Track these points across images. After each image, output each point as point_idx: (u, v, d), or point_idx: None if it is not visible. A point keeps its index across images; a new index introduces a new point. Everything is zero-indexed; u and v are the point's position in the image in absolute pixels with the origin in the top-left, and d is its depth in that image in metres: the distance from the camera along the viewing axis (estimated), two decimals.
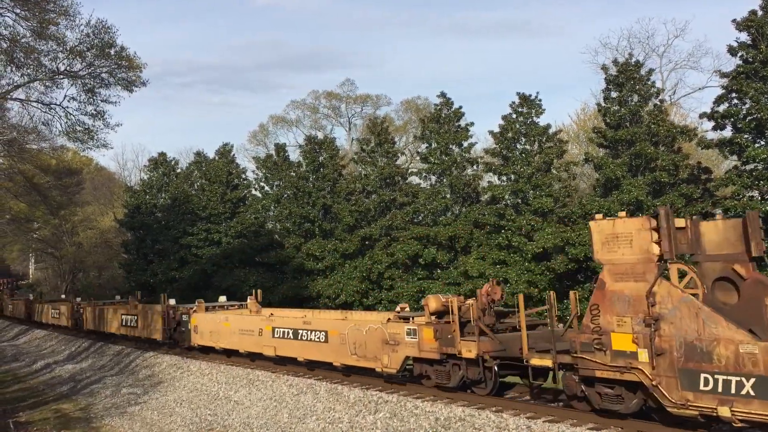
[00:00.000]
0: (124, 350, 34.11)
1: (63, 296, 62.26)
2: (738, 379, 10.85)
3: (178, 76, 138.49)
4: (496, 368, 15.78)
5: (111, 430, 21.02)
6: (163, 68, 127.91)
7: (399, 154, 43.51)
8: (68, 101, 29.31)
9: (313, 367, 22.00)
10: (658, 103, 30.49)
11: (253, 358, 24.97)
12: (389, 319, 18.92)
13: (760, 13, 25.36)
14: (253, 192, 48.96)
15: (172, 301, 30.90)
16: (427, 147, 37.43)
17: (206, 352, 27.61)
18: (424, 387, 18.42)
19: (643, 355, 12.01)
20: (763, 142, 25.13)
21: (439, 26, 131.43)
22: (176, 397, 23.57)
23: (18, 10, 24.70)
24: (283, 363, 23.36)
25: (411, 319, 17.78)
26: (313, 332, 20.93)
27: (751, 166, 25.04)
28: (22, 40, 25.80)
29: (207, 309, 28.34)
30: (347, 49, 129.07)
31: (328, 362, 20.66)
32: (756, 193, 25.02)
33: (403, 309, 19.35)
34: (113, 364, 32.09)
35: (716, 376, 11.08)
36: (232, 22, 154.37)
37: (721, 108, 26.21)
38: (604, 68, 31.14)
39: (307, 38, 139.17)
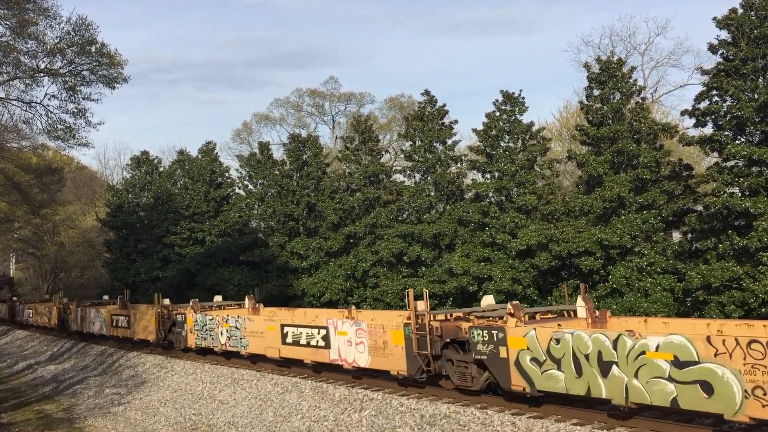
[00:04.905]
0: (107, 350, 33.90)
1: (46, 296, 61.63)
2: None
3: (165, 73, 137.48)
4: None
5: (94, 430, 20.87)
6: (150, 65, 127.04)
7: (383, 152, 43.45)
8: (49, 99, 29.06)
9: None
10: (640, 100, 30.68)
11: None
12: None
13: (740, 11, 25.57)
14: (237, 190, 48.70)
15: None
16: (411, 145, 37.39)
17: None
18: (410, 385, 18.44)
19: None
20: (743, 139, 25.39)
21: (428, 23, 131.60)
22: (160, 397, 23.45)
23: None
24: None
25: None
26: None
27: (732, 162, 25.26)
28: (1, 39, 25.53)
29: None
30: (336, 46, 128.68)
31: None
32: (736, 190, 25.26)
33: None
34: (96, 365, 31.86)
35: None
36: (221, 18, 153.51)
37: (702, 105, 26.39)
38: (587, 66, 31.28)
39: (296, 35, 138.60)
